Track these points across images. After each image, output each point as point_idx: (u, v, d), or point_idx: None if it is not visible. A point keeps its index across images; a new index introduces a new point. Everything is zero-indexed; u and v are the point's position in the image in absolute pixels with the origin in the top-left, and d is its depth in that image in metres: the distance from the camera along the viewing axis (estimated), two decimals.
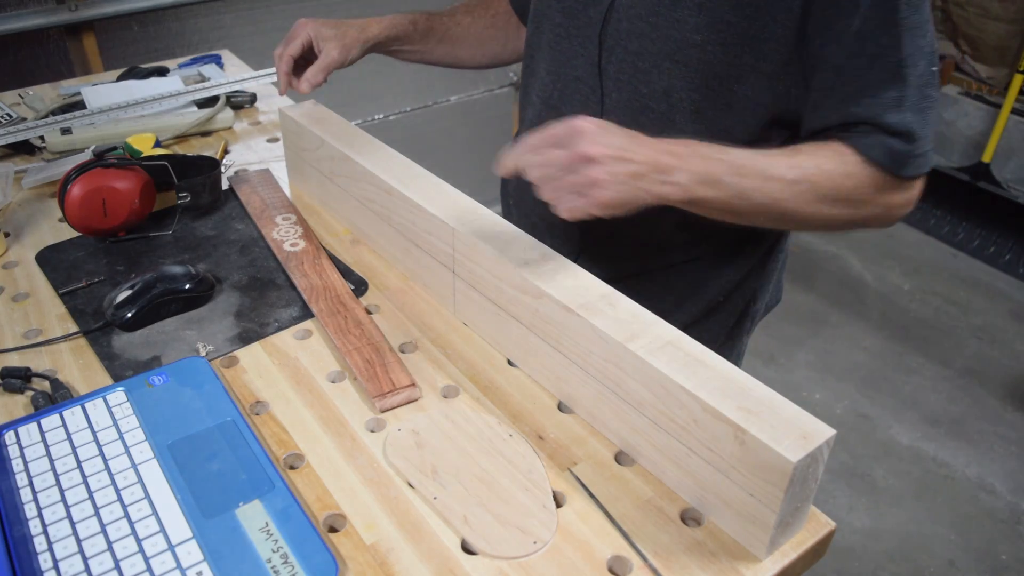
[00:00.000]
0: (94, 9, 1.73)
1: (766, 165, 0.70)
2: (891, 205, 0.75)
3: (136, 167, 0.93)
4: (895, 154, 0.72)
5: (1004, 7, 2.68)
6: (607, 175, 0.63)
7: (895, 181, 0.74)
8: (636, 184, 0.65)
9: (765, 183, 0.70)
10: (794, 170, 0.71)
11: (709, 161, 0.68)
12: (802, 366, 2.27)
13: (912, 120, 0.72)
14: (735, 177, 0.69)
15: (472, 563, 0.56)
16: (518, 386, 0.72)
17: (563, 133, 0.65)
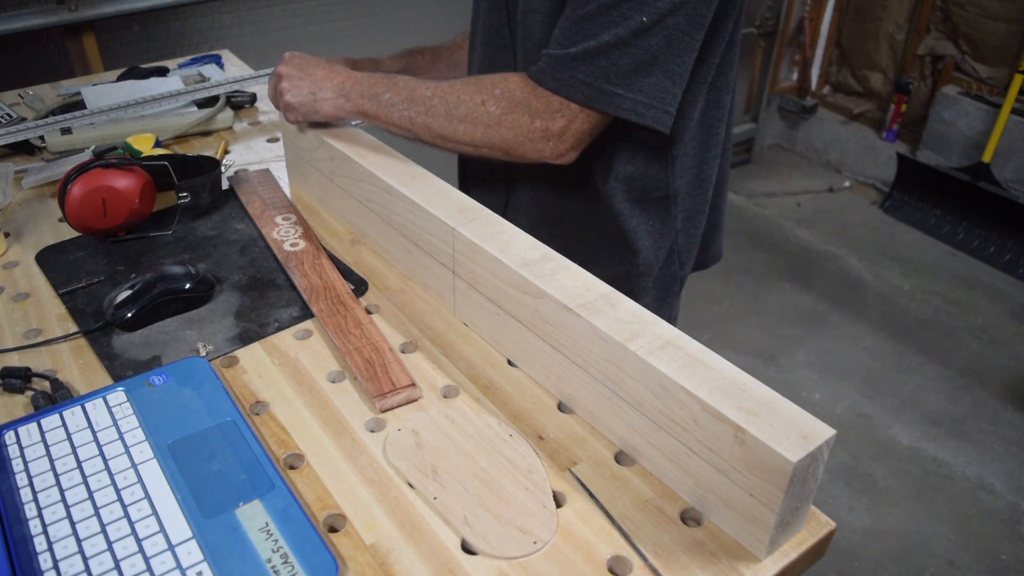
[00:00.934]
0: (94, 9, 1.73)
1: (414, 86, 0.85)
2: (527, 130, 0.81)
3: (136, 167, 0.93)
4: (547, 69, 0.79)
5: (1004, 7, 2.68)
6: (288, 86, 0.89)
7: (535, 104, 0.80)
8: (311, 95, 0.88)
9: (407, 99, 0.85)
10: (431, 88, 0.84)
11: (375, 82, 0.86)
12: (802, 366, 2.27)
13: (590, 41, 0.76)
14: (388, 93, 0.85)
15: (472, 563, 0.56)
16: (518, 386, 0.72)
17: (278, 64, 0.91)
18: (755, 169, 3.34)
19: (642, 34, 0.75)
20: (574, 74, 0.78)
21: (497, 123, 0.82)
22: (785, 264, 2.73)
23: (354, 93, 0.86)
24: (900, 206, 2.98)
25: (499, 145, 0.83)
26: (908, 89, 3.01)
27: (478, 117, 0.82)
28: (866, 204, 3.08)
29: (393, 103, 0.85)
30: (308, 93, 0.87)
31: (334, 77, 0.88)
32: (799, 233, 2.91)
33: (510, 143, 0.83)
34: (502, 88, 0.82)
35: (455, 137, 0.84)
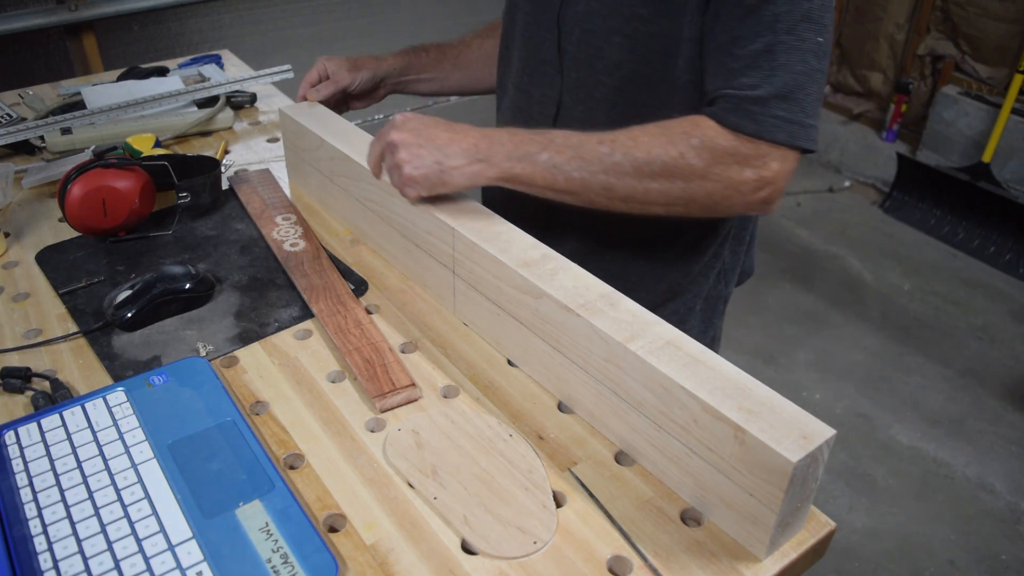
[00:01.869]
0: (94, 9, 1.73)
1: (580, 141, 0.73)
2: (737, 182, 0.72)
3: (136, 167, 0.93)
4: (751, 113, 0.70)
5: (1004, 7, 2.68)
6: (407, 156, 0.74)
7: (744, 151, 0.71)
8: (437, 164, 0.74)
9: (577, 157, 0.73)
10: (607, 144, 0.73)
11: (523, 140, 0.74)
12: (802, 366, 2.27)
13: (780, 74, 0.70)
14: (546, 153, 0.73)
15: (472, 563, 0.56)
16: (518, 386, 0.72)
17: (384, 128, 0.77)
18: None
19: (822, 56, 0.71)
20: (775, 112, 0.70)
21: (701, 177, 0.71)
22: (785, 264, 2.73)
23: (496, 155, 0.73)
24: (900, 206, 2.98)
25: (701, 200, 0.73)
26: (908, 89, 3.01)
27: (678, 172, 0.71)
28: (866, 204, 3.08)
29: (556, 165, 0.73)
30: (433, 163, 0.74)
31: (463, 139, 0.74)
32: (799, 233, 2.91)
33: (716, 197, 0.73)
34: (699, 137, 0.71)
35: (645, 197, 0.73)
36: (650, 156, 0.72)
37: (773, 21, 0.70)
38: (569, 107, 0.89)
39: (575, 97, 0.88)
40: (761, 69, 0.70)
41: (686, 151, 0.71)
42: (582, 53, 0.85)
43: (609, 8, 0.81)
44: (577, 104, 0.88)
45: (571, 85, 0.87)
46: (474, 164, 0.74)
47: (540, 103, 0.92)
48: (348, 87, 1.04)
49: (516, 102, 0.96)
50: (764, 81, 0.70)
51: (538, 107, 0.92)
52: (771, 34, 0.70)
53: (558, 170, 0.73)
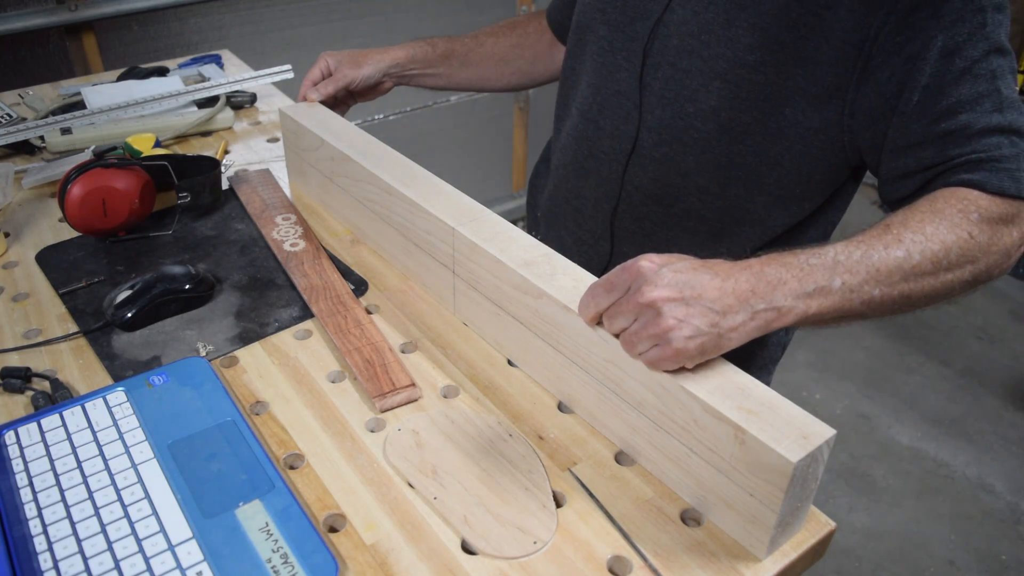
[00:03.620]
0: (94, 9, 1.73)
1: (867, 251, 0.62)
2: (1008, 246, 0.67)
3: (136, 167, 0.93)
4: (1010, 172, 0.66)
5: None
6: (675, 322, 0.55)
7: (1010, 212, 0.67)
8: (715, 327, 0.56)
9: (876, 272, 0.61)
10: (898, 247, 0.62)
11: (803, 270, 0.60)
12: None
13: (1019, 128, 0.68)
14: (841, 276, 0.60)
15: (472, 563, 0.56)
16: (518, 386, 0.72)
17: (625, 277, 0.58)
18: None
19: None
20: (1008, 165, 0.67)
21: (985, 251, 0.66)
22: None
23: (780, 298, 0.58)
24: None
25: (981, 279, 0.67)
26: None
27: (969, 255, 0.65)
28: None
29: (852, 288, 0.61)
30: (709, 327, 0.56)
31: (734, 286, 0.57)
32: None
33: (992, 269, 0.67)
34: (976, 211, 0.65)
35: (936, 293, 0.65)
36: (946, 246, 0.64)
37: (993, 78, 0.67)
38: (648, 147, 0.84)
39: (657, 138, 0.83)
40: (1002, 129, 0.67)
41: (973, 230, 0.65)
42: (671, 92, 0.80)
43: (711, 50, 0.76)
44: (659, 146, 0.83)
45: (653, 124, 0.82)
46: (758, 317, 0.57)
47: (612, 137, 0.87)
48: (351, 84, 1.02)
49: (582, 131, 0.91)
50: (1009, 141, 0.67)
51: (609, 141, 0.88)
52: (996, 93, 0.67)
53: (855, 294, 0.61)
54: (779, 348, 0.97)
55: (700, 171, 0.81)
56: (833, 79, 0.73)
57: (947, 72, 0.68)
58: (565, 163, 0.96)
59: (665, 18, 0.80)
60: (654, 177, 0.85)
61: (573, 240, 0.96)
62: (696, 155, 0.81)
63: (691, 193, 0.84)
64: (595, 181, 0.91)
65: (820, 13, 0.71)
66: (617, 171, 0.88)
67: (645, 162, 0.85)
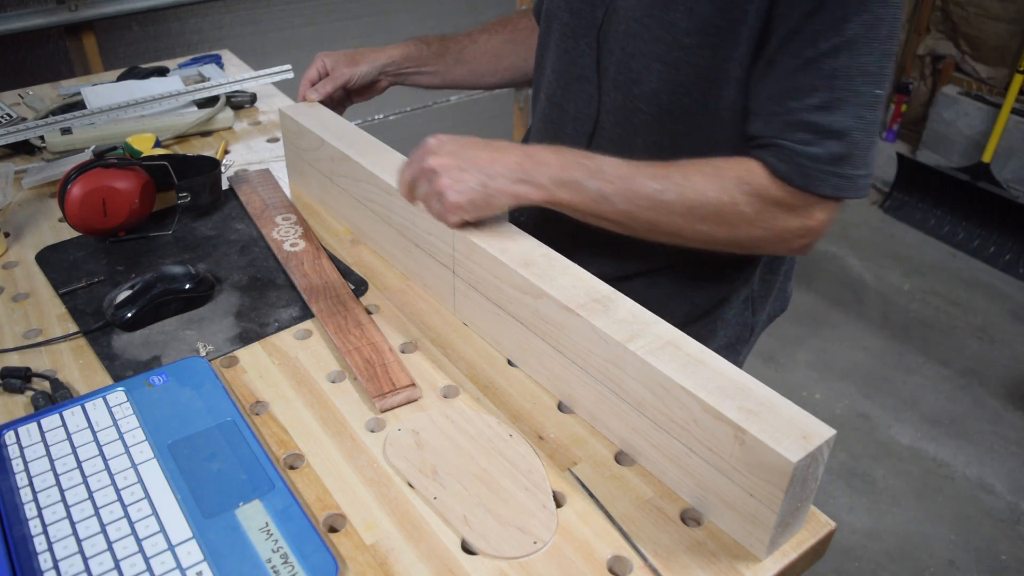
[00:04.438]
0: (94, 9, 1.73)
1: (632, 174, 0.72)
2: (783, 230, 0.73)
3: (136, 167, 0.93)
4: (803, 168, 0.70)
5: (1004, 7, 2.68)
6: (450, 181, 0.70)
7: (792, 202, 0.71)
8: (483, 186, 0.70)
9: (627, 190, 0.71)
10: (659, 180, 0.71)
11: (569, 163, 0.71)
12: (802, 366, 2.27)
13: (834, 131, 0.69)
14: (596, 181, 0.71)
15: (472, 563, 0.56)
16: (518, 386, 0.72)
17: (416, 152, 0.73)
18: None
19: (877, 107, 0.70)
20: (825, 168, 0.70)
21: (749, 223, 0.73)
22: None
23: (541, 177, 0.71)
24: (900, 206, 2.98)
25: (744, 243, 0.75)
26: (908, 89, 3.01)
27: (727, 217, 0.72)
28: (866, 204, 3.08)
29: (604, 195, 0.71)
30: (478, 185, 0.70)
31: (505, 158, 0.71)
32: None
33: (758, 241, 0.74)
34: (751, 185, 0.71)
35: (691, 236, 0.74)
36: (703, 199, 0.71)
37: (831, 76, 0.68)
38: (606, 128, 0.86)
39: (613, 119, 0.85)
40: (816, 126, 0.70)
41: (738, 198, 0.71)
42: (622, 76, 0.82)
43: (652, 33, 0.78)
44: (615, 127, 0.85)
45: (610, 107, 0.85)
46: (519, 185, 0.71)
47: (575, 120, 0.89)
48: (348, 82, 1.02)
49: (549, 114, 0.93)
50: (818, 139, 0.70)
51: (572, 124, 0.90)
52: (829, 90, 0.69)
53: (605, 200, 0.71)
54: (746, 329, 0.97)
55: (647, 151, 0.83)
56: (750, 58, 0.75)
57: (794, 57, 0.70)
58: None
59: (616, 4, 0.82)
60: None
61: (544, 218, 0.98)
62: (644, 136, 0.84)
63: None
64: None
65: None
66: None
67: (604, 143, 0.87)
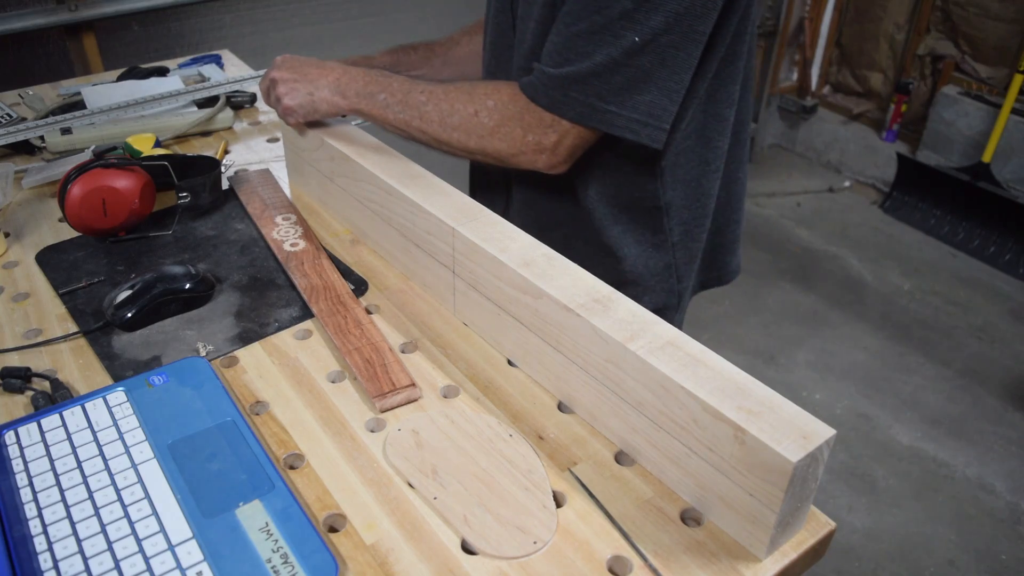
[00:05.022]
0: (94, 9, 1.73)
1: (409, 88, 0.86)
2: (519, 142, 0.82)
3: (136, 167, 0.93)
4: (541, 86, 0.80)
5: (1004, 7, 2.68)
6: (285, 90, 0.89)
7: (527, 118, 0.81)
8: (309, 95, 0.89)
9: (403, 102, 0.86)
10: (427, 95, 0.85)
11: (371, 80, 0.87)
12: (802, 366, 2.27)
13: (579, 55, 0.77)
14: (384, 95, 0.86)
15: (472, 563, 0.56)
16: (518, 386, 0.72)
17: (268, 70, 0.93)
18: (755, 169, 3.34)
19: (634, 53, 0.75)
20: (567, 92, 0.78)
21: (490, 134, 0.83)
22: (785, 264, 2.73)
23: (349, 91, 0.87)
24: (900, 206, 2.98)
25: (492, 154, 0.85)
26: (908, 89, 3.01)
27: (471, 127, 0.83)
28: (866, 204, 3.08)
29: (388, 104, 0.86)
30: (306, 94, 0.88)
31: (328, 74, 0.89)
32: (799, 233, 2.91)
33: (503, 153, 0.84)
34: (495, 100, 0.83)
35: (449, 143, 0.85)
36: (452, 110, 0.84)
37: (595, 10, 0.75)
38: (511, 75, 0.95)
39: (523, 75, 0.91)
40: (569, 51, 0.78)
41: (480, 110, 0.83)
42: (518, 37, 0.91)
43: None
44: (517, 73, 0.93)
45: (518, 70, 0.93)
46: (335, 96, 0.88)
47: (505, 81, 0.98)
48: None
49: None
50: (566, 63, 0.78)
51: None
52: (587, 22, 0.76)
53: (389, 110, 0.86)
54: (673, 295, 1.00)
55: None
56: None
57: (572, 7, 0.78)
58: None
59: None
60: None
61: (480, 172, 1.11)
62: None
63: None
64: None
65: None
66: None
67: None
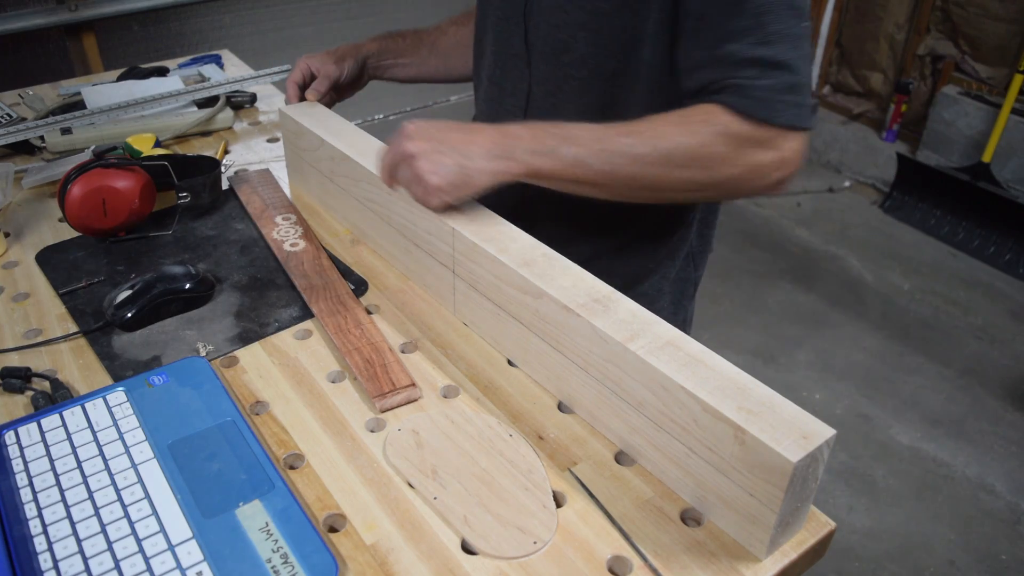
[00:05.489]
0: (94, 9, 1.73)
1: (602, 134, 0.73)
2: (758, 165, 0.74)
3: (136, 167, 0.93)
4: (762, 100, 0.73)
5: (1004, 7, 2.68)
6: (428, 165, 0.72)
7: (760, 135, 0.73)
8: (460, 167, 0.72)
9: (602, 151, 0.73)
10: (630, 136, 0.73)
11: (541, 134, 0.73)
12: (802, 366, 2.27)
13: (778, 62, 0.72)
14: (570, 147, 0.73)
15: (472, 563, 0.56)
16: (518, 386, 0.72)
17: (393, 139, 0.76)
18: None
19: (807, 39, 0.73)
20: (782, 98, 0.72)
21: (724, 162, 0.74)
22: (785, 264, 2.73)
23: (517, 151, 0.72)
24: (900, 206, 2.98)
25: (724, 184, 0.75)
26: (908, 89, 3.00)
27: (703, 160, 0.73)
28: (866, 204, 3.08)
29: (581, 157, 0.73)
30: (456, 166, 0.72)
31: (480, 138, 0.73)
32: (799, 233, 2.91)
33: (738, 180, 0.75)
34: (717, 126, 0.73)
35: (671, 185, 0.75)
36: (676, 146, 0.73)
37: (761, 14, 0.72)
38: (539, 99, 0.91)
39: (544, 90, 0.89)
40: (761, 60, 0.72)
41: (709, 139, 0.73)
42: (548, 47, 0.86)
43: (572, 3, 0.82)
44: (547, 97, 0.90)
45: (540, 78, 0.89)
46: (496, 162, 0.72)
47: (512, 95, 0.94)
48: (338, 79, 1.04)
49: (490, 93, 0.98)
50: (765, 72, 0.72)
51: (510, 99, 0.94)
52: (761, 28, 0.72)
53: (584, 164, 0.73)
54: (689, 284, 1.00)
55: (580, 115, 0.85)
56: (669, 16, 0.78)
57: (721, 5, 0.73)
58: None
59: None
60: None
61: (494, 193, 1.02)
62: (575, 101, 0.87)
63: None
64: None
65: None
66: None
67: (538, 113, 0.91)
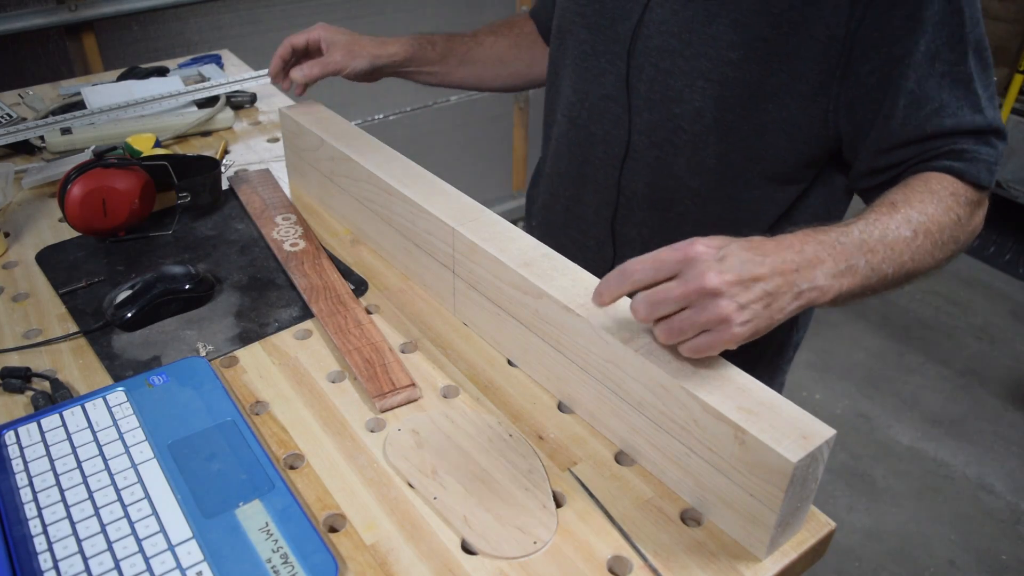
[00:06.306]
0: (94, 9, 1.73)
1: (885, 230, 0.65)
2: (977, 227, 0.74)
3: (136, 167, 0.93)
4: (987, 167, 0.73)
5: (1004, 7, 2.68)
6: (736, 307, 0.54)
7: (980, 198, 0.73)
8: (768, 309, 0.56)
9: (890, 251, 0.64)
10: (909, 226, 0.66)
11: (838, 250, 0.61)
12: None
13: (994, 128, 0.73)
14: (865, 255, 0.62)
15: (472, 563, 0.56)
16: (518, 386, 0.72)
17: (674, 261, 0.56)
18: None
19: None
20: (985, 158, 0.73)
21: (965, 232, 0.72)
22: None
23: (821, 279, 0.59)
24: None
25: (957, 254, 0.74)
26: None
27: (956, 235, 0.71)
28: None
29: (874, 267, 0.63)
30: (763, 309, 0.56)
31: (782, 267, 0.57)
32: None
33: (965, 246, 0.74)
34: (961, 196, 0.71)
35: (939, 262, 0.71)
36: (941, 227, 0.69)
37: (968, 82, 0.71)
38: (641, 151, 0.84)
39: (648, 141, 0.83)
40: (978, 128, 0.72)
41: (961, 212, 0.70)
42: (656, 94, 0.79)
43: (692, 49, 0.75)
44: (651, 149, 0.83)
45: (643, 128, 0.82)
46: (802, 297, 0.58)
47: (604, 142, 0.86)
48: (339, 72, 0.97)
49: (574, 137, 0.90)
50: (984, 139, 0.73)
51: (602, 146, 0.87)
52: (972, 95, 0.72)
53: (875, 273, 0.63)
54: (792, 348, 0.95)
55: (691, 173, 0.81)
56: (817, 75, 0.73)
57: (930, 76, 0.71)
58: (560, 171, 0.95)
59: (645, 18, 0.79)
60: (648, 181, 0.85)
61: (576, 247, 0.95)
62: (687, 156, 0.81)
63: (685, 197, 0.84)
64: (593, 187, 0.91)
65: (802, 8, 0.71)
66: (613, 176, 0.88)
67: (639, 166, 0.85)
